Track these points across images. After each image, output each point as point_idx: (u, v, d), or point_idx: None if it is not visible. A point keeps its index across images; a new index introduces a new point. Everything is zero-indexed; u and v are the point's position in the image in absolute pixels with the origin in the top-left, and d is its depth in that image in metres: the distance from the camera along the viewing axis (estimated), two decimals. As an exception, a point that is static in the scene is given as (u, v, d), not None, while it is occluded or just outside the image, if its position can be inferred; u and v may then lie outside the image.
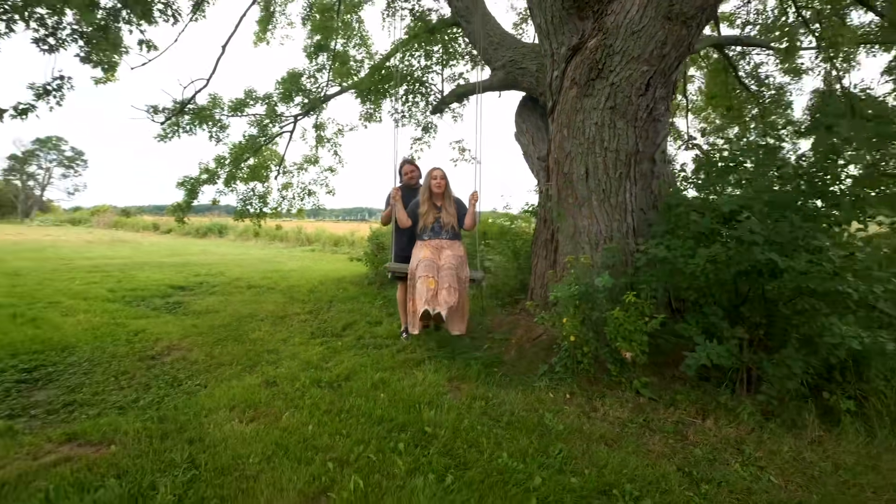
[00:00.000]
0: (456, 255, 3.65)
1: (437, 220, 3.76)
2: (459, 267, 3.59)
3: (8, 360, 3.64)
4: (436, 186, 3.77)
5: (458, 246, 3.79)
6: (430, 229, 3.77)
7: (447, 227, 3.76)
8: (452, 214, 3.80)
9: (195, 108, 6.82)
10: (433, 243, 3.71)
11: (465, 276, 3.64)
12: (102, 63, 4.80)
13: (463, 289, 3.57)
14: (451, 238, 3.77)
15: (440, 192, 3.78)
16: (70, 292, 6.49)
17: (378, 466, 2.10)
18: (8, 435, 2.40)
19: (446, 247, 3.69)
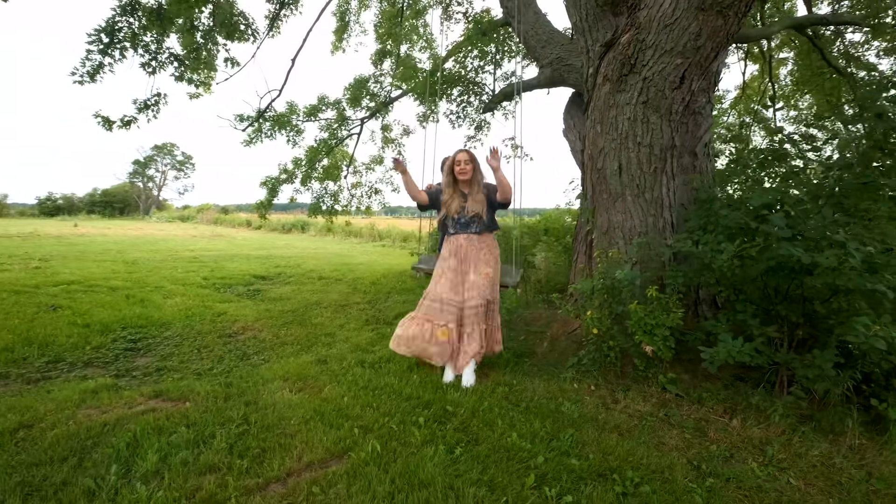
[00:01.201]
0: (486, 269, 3.20)
1: (464, 209, 3.27)
2: (489, 290, 3.16)
3: (119, 332, 4.39)
4: (460, 173, 3.25)
5: (490, 244, 3.33)
6: (457, 221, 3.30)
7: (475, 218, 3.25)
8: (480, 202, 3.26)
9: (275, 114, 7.54)
10: (460, 241, 3.27)
11: (495, 297, 3.23)
12: (194, 81, 5.59)
13: (492, 321, 3.20)
14: (481, 231, 3.29)
15: (466, 180, 3.28)
16: (172, 279, 7.52)
17: (397, 435, 2.34)
18: (113, 389, 2.97)
19: (475, 247, 3.23)
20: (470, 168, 3.24)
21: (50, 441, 2.24)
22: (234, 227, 28.87)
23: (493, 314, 3.22)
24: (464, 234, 3.27)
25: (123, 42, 4.62)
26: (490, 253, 3.26)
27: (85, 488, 1.86)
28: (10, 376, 3.27)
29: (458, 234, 3.28)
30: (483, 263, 3.20)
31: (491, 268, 3.22)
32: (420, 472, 2.01)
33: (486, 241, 3.29)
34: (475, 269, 3.17)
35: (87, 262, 9.26)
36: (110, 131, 4.88)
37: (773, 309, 2.52)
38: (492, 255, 3.26)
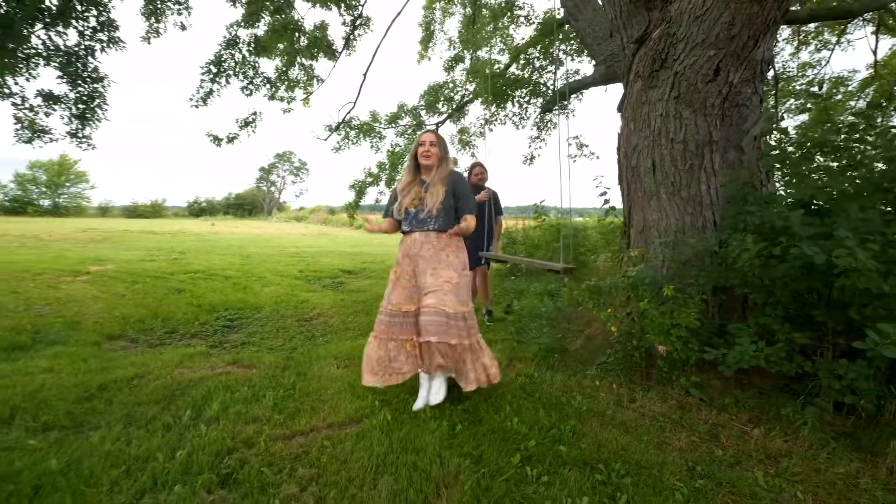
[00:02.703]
0: (447, 272, 2.61)
1: (422, 201, 2.71)
2: (453, 300, 2.55)
3: (222, 312, 5.24)
4: (423, 156, 2.71)
5: (456, 245, 2.73)
6: (413, 216, 2.72)
7: (431, 213, 2.67)
8: (438, 194, 2.66)
9: (359, 122, 8.26)
10: (415, 239, 2.70)
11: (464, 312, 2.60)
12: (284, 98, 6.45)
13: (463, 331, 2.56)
14: (438, 229, 2.67)
15: (429, 165, 2.73)
16: (274, 271, 8.60)
17: (408, 409, 2.62)
18: (204, 355, 3.65)
19: (434, 247, 2.66)
20: (435, 151, 2.71)
21: (151, 388, 2.89)
22: (338, 227, 31.39)
23: (465, 331, 2.60)
24: (420, 231, 2.70)
25: (227, 71, 5.57)
26: (455, 255, 2.69)
27: (165, 423, 2.42)
28: (139, 341, 4.16)
29: (414, 231, 2.72)
30: (444, 266, 2.62)
31: (456, 273, 2.63)
32: (417, 440, 2.27)
33: (450, 240, 2.72)
34: (433, 272, 2.60)
35: (213, 255, 10.92)
36: (219, 147, 5.91)
37: (807, 314, 2.33)
38: (457, 258, 2.69)
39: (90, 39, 4.81)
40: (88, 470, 1.96)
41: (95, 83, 4.91)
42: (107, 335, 4.18)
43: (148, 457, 2.08)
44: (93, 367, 3.29)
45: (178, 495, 1.80)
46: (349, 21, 6.79)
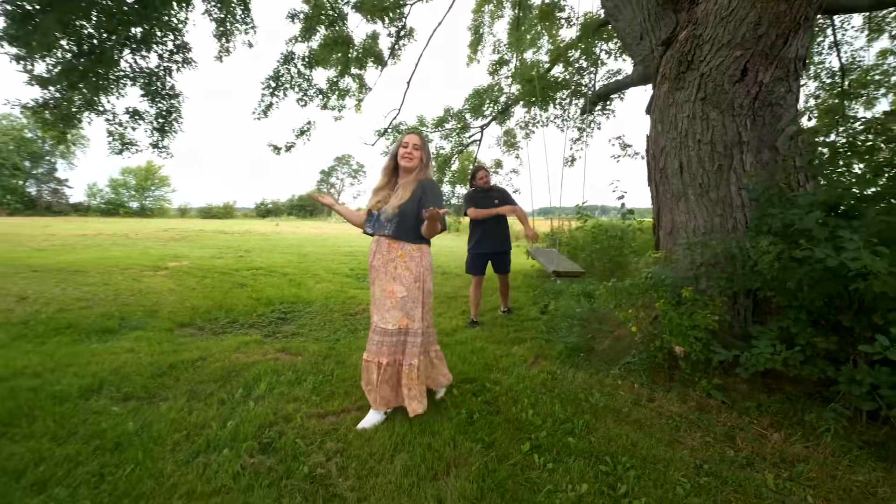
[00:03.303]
0: (392, 285, 2.45)
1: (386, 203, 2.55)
2: (398, 313, 2.43)
3: (278, 306, 5.70)
4: (405, 157, 2.55)
5: (408, 254, 2.49)
6: (375, 218, 2.56)
7: (388, 216, 2.47)
8: (405, 198, 2.46)
9: (407, 127, 8.59)
10: (370, 246, 2.60)
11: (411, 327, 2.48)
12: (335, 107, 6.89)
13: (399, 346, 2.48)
14: (394, 236, 2.47)
15: (409, 167, 2.56)
16: (327, 269, 9.13)
17: (431, 397, 2.81)
18: (258, 343, 4.05)
19: (384, 256, 2.49)
20: (418, 155, 2.56)
21: (211, 369, 3.29)
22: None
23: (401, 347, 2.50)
24: (378, 235, 2.55)
25: (285, 85, 6.08)
26: (405, 267, 2.46)
27: (220, 398, 2.78)
28: (205, 329, 4.66)
29: (375, 234, 2.58)
30: (390, 279, 2.45)
31: (403, 286, 2.44)
32: (435, 425, 2.46)
33: (402, 248, 2.48)
34: (380, 284, 2.49)
35: (275, 253, 11.71)
36: (278, 155, 6.46)
37: (831, 318, 2.27)
38: (407, 269, 2.46)
39: (168, 61, 5.45)
40: (157, 432, 2.32)
41: (172, 99, 5.55)
42: (178, 323, 4.72)
43: (204, 425, 2.42)
44: (165, 349, 3.77)
45: (225, 457, 2.11)
46: (394, 32, 7.13)
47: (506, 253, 4.98)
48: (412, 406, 2.48)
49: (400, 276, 2.47)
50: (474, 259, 4.92)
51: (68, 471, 1.98)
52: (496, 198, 4.86)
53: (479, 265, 4.94)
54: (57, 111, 5.08)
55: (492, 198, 4.86)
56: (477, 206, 4.81)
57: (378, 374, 2.47)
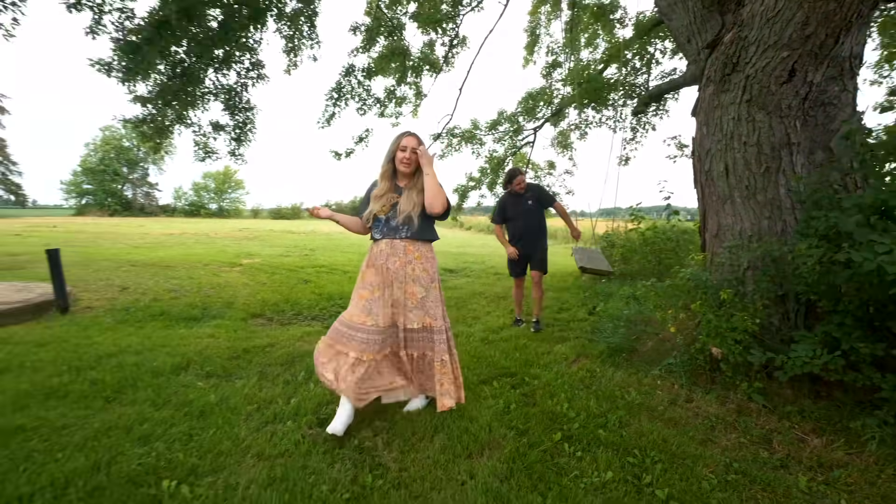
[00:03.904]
0: (413, 288, 2.52)
1: (395, 208, 2.57)
2: (423, 314, 2.52)
3: (337, 300, 6.14)
4: (403, 163, 2.55)
5: (424, 255, 2.58)
6: (384, 223, 2.58)
7: (405, 220, 2.53)
8: (415, 201, 2.54)
9: (461, 131, 8.83)
10: (381, 250, 2.56)
11: (435, 325, 2.56)
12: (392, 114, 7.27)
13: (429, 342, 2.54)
14: (412, 237, 2.55)
15: (408, 172, 2.59)
16: (384, 267, 9.57)
17: (473, 387, 3.01)
18: (320, 333, 4.42)
19: (401, 259, 2.52)
20: (416, 158, 2.57)
21: (278, 354, 3.69)
22: (449, 228, 32.67)
23: (437, 345, 2.56)
24: (389, 239, 2.56)
25: (346, 95, 6.53)
26: (423, 268, 2.56)
27: (285, 379, 3.14)
28: (273, 319, 5.15)
29: (385, 238, 2.57)
30: (411, 281, 2.52)
31: (422, 287, 2.54)
32: (474, 411, 2.66)
33: (418, 250, 2.56)
34: (400, 288, 2.53)
35: (337, 252, 12.39)
36: (339, 161, 6.95)
37: (878, 324, 2.20)
38: (425, 270, 2.56)
39: (245, 77, 6.06)
40: (233, 404, 2.70)
41: (248, 112, 6.16)
42: (251, 314, 5.25)
43: (271, 400, 2.78)
44: (240, 336, 4.25)
45: (289, 427, 2.43)
46: (447, 42, 7.40)
47: (541, 251, 4.72)
48: (442, 401, 2.51)
49: (419, 278, 2.54)
50: (512, 260, 4.82)
51: (165, 430, 2.38)
52: (529, 198, 4.73)
53: (518, 266, 4.85)
54: (153, 125, 5.83)
55: (524, 199, 4.73)
56: (506, 212, 4.82)
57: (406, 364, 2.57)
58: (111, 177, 43.73)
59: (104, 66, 5.20)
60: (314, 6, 6.75)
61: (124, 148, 44.29)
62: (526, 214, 4.72)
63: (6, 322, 4.50)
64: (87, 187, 43.64)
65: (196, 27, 5.13)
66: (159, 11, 4.72)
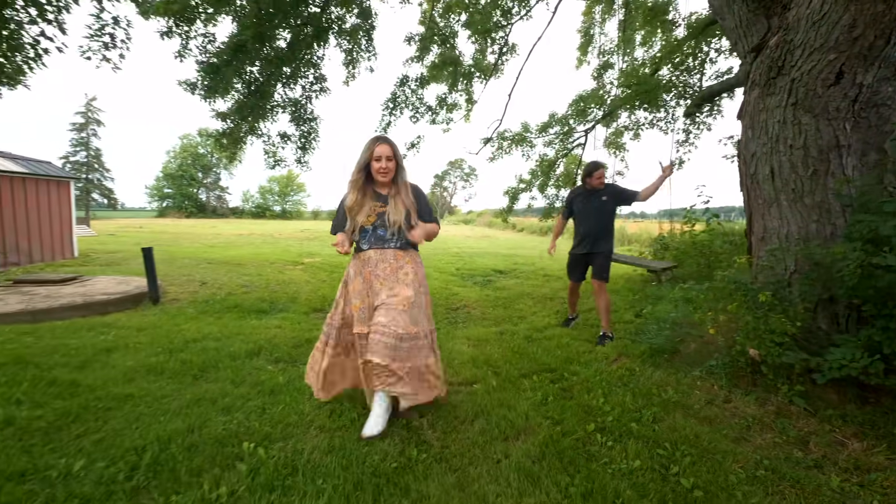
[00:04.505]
0: (405, 290, 2.47)
1: (382, 217, 2.51)
2: (408, 318, 2.41)
3: (390, 298, 6.51)
4: (380, 172, 2.50)
5: (414, 260, 2.59)
6: (371, 233, 2.53)
7: (396, 231, 2.52)
8: (404, 208, 2.52)
9: (512, 134, 8.97)
10: (369, 258, 2.53)
11: (421, 331, 2.48)
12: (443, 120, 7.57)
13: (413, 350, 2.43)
14: (403, 247, 2.55)
15: (387, 182, 2.55)
16: (435, 267, 9.90)
17: (514, 380, 3.20)
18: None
19: (391, 265, 2.51)
20: (393, 166, 2.52)
21: (337, 345, 4.05)
22: (502, 230, 32.65)
23: (412, 352, 2.44)
24: (378, 248, 2.53)
25: (401, 105, 6.91)
26: (413, 272, 2.56)
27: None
28: (332, 314, 5.58)
29: (372, 248, 2.54)
30: (402, 284, 2.49)
31: (412, 290, 2.49)
32: (513, 401, 2.86)
33: (408, 255, 2.58)
34: (389, 290, 2.47)
35: (390, 252, 12.89)
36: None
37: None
38: (415, 274, 2.56)
39: (309, 91, 6.58)
40: (299, 385, 3.06)
41: (312, 122, 6.68)
42: (312, 308, 5.72)
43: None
44: (303, 327, 4.68)
45: (346, 406, 2.74)
46: (496, 50, 7.59)
47: (602, 255, 4.39)
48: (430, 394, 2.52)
49: (410, 282, 2.52)
50: (571, 262, 4.69)
51: (243, 403, 2.77)
52: (605, 195, 4.38)
53: (575, 269, 4.64)
54: (230, 137, 6.48)
55: (598, 196, 4.39)
56: (573, 206, 4.57)
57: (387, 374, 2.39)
58: (188, 181, 47.59)
59: (190, 85, 5.88)
60: (371, 21, 7.18)
61: (199, 154, 48.05)
62: (595, 213, 4.40)
63: (110, 310, 5.23)
64: (168, 191, 47.75)
65: (267, 48, 5.68)
66: (237, 36, 5.30)
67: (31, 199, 9.33)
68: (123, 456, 2.13)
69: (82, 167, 44.94)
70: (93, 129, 45.57)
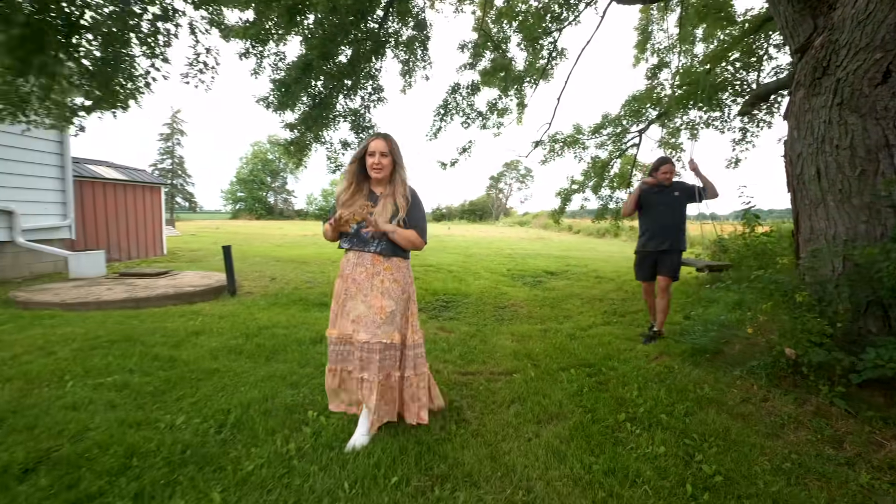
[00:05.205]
0: (380, 300, 2.31)
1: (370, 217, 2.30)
2: (385, 328, 2.28)
3: (441, 296, 6.83)
4: (374, 168, 2.37)
5: (395, 268, 2.39)
6: (354, 233, 2.39)
7: (377, 234, 2.35)
8: (398, 206, 2.36)
9: (563, 136, 9.03)
10: (348, 260, 2.43)
11: (400, 340, 2.36)
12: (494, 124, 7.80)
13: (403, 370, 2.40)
14: (386, 252, 2.37)
15: (380, 178, 2.42)
16: (486, 268, 10.13)
17: (552, 373, 3.39)
18: (423, 321, 5.11)
19: (367, 271, 2.35)
20: (388, 162, 2.38)
21: (390, 336, 4.41)
22: (558, 232, 32.18)
23: (402, 361, 2.41)
24: (357, 251, 2.40)
25: (452, 111, 7.23)
26: (393, 279, 2.37)
27: (394, 355, 3.83)
28: (386, 309, 5.98)
29: (353, 249, 2.42)
30: (377, 293, 2.33)
31: (391, 300, 2.34)
32: (547, 388, 3.06)
33: (388, 261, 2.38)
34: (363, 299, 2.33)
35: (444, 253, 13.28)
36: (444, 170, 7.68)
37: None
38: (396, 282, 2.37)
39: (368, 101, 7.07)
40: (355, 368, 3.42)
41: (369, 130, 7.15)
42: (369, 303, 6.15)
43: (383, 368, 3.46)
44: (360, 319, 5.10)
45: (396, 387, 3.06)
46: (546, 55, 7.71)
47: (675, 253, 4.22)
48: (420, 413, 2.43)
49: (388, 290, 2.35)
50: (639, 260, 4.48)
51: (308, 381, 3.17)
52: (675, 191, 4.24)
53: (644, 267, 4.43)
54: (297, 145, 7.10)
55: (669, 192, 4.25)
56: (640, 200, 4.39)
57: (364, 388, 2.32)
58: (258, 185, 50.95)
59: (263, 100, 6.54)
60: (426, 31, 7.56)
61: (268, 160, 51.32)
62: (666, 208, 4.25)
63: (196, 300, 5.94)
64: (240, 194, 51.39)
65: (330, 64, 6.21)
66: (305, 56, 5.86)
67: (130, 204, 10.60)
68: (213, 415, 2.57)
69: (168, 173, 49.51)
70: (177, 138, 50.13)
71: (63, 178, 8.25)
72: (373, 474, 2.04)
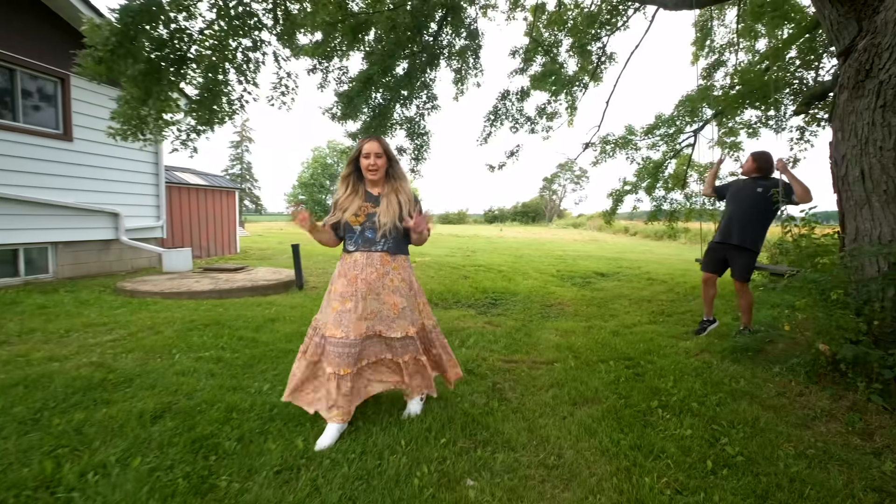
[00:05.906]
0: (393, 298, 2.44)
1: (371, 217, 2.44)
2: (409, 319, 2.47)
3: (490, 294, 7.13)
4: (369, 170, 2.45)
5: (402, 266, 2.52)
6: (359, 234, 2.46)
7: (385, 232, 2.43)
8: (395, 210, 2.44)
9: (615, 137, 9.04)
10: (356, 261, 2.45)
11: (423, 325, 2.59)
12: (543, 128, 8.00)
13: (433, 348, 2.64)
14: (392, 251, 2.48)
15: (376, 180, 2.49)
16: (537, 268, 10.31)
17: (591, 363, 3.61)
18: (473, 317, 5.45)
19: (377, 271, 2.42)
20: (382, 163, 2.46)
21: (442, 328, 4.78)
22: (613, 234, 31.39)
23: (428, 343, 2.68)
24: (364, 251, 2.45)
25: (501, 117, 7.52)
26: (402, 278, 2.50)
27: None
28: (438, 304, 6.38)
29: (359, 251, 2.46)
30: (389, 291, 2.44)
31: (402, 297, 2.47)
32: (585, 377, 3.30)
33: (395, 261, 2.49)
34: (376, 297, 2.42)
35: (495, 254, 13.55)
36: (492, 173, 7.97)
37: None
38: (403, 280, 2.50)
39: (422, 109, 7.51)
40: (409, 353, 3.82)
41: (423, 136, 7.60)
42: (422, 298, 6.57)
43: (435, 354, 3.83)
44: (414, 313, 5.51)
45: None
46: (594, 60, 7.80)
47: (747, 253, 4.09)
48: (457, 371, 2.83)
49: (398, 288, 2.47)
50: (708, 250, 4.40)
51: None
52: (761, 187, 4.03)
53: (711, 259, 4.35)
54: (357, 152, 7.70)
55: (754, 185, 4.08)
56: (726, 190, 4.37)
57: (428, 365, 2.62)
58: (318, 188, 53.46)
59: (328, 111, 7.16)
60: (478, 40, 7.90)
61: (328, 164, 53.70)
62: (746, 201, 4.09)
63: (269, 293, 6.63)
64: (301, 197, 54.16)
65: (389, 77, 6.72)
66: (367, 72, 6.41)
67: (210, 206, 11.75)
68: (293, 385, 3.05)
69: (237, 178, 53.21)
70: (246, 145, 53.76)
71: (157, 184, 9.38)
72: (425, 436, 2.41)
